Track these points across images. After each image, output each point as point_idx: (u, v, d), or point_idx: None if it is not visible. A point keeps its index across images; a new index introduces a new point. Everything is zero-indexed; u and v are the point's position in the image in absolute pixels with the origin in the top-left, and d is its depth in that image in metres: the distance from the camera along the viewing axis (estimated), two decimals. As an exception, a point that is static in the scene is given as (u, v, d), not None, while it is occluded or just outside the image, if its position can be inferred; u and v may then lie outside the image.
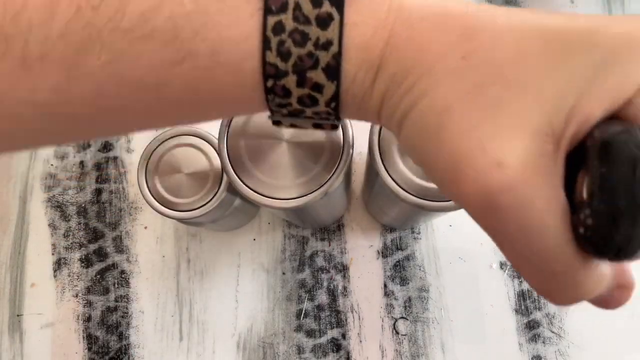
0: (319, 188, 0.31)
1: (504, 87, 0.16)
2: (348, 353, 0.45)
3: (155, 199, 0.37)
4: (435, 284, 0.47)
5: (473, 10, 0.18)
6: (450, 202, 0.31)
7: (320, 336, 0.46)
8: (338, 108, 0.19)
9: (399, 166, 0.32)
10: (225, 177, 0.37)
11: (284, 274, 0.47)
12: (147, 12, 0.17)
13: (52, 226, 0.49)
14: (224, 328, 0.46)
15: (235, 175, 0.31)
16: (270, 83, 0.18)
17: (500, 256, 0.47)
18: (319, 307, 0.46)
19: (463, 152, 0.16)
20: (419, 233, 0.48)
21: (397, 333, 0.46)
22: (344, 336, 0.46)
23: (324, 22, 0.17)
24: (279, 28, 0.17)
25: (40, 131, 0.19)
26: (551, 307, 0.46)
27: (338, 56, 0.18)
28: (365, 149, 0.33)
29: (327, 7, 0.17)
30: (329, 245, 0.48)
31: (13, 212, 0.49)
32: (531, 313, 0.46)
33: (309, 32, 0.17)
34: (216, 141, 0.37)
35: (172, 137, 0.38)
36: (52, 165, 0.50)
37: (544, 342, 0.45)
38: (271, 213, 0.49)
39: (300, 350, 0.46)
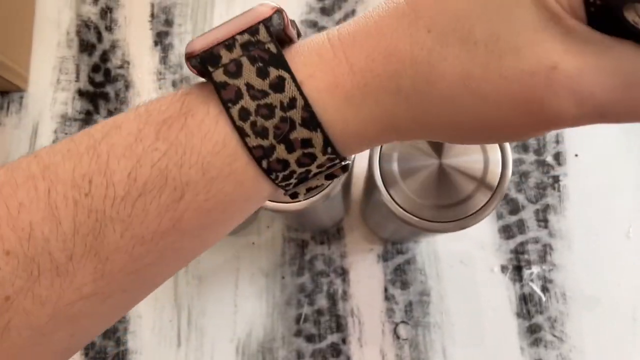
0: (320, 191, 0.30)
1: (480, 22, 0.17)
2: (348, 358, 0.45)
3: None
4: (436, 287, 0.46)
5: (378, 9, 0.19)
6: (451, 222, 0.31)
7: (320, 341, 0.45)
8: (336, 151, 0.19)
9: (400, 185, 0.31)
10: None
11: (283, 278, 0.47)
12: (132, 173, 0.18)
13: (48, 230, 0.48)
14: (223, 333, 0.46)
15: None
16: (265, 164, 0.19)
17: (501, 259, 0.47)
18: (319, 312, 0.46)
19: (515, 85, 0.16)
20: (419, 236, 0.47)
21: (398, 337, 0.45)
22: (344, 341, 0.45)
23: (278, 86, 0.18)
24: (244, 114, 0.18)
25: (92, 315, 0.20)
26: (553, 311, 0.45)
27: (307, 107, 0.18)
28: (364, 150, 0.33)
29: (274, 73, 0.18)
30: (329, 249, 0.47)
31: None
32: (533, 317, 0.45)
33: (271, 101, 0.18)
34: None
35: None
36: (48, 168, 0.49)
37: (545, 346, 0.45)
38: (271, 216, 0.48)
39: (299, 355, 0.45)
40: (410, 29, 0.18)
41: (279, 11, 0.19)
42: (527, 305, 0.46)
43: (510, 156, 0.32)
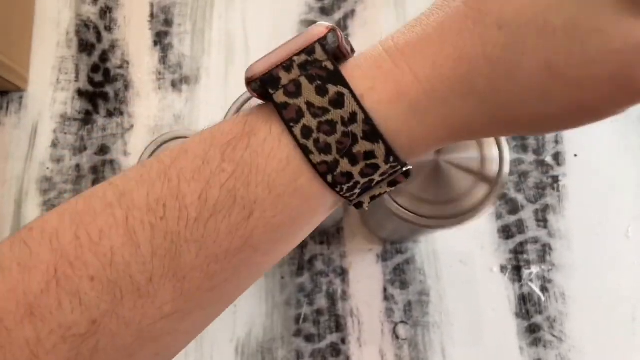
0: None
1: (554, 10, 0.17)
2: (348, 358, 0.45)
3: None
4: (435, 287, 0.46)
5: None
6: (450, 219, 0.31)
7: (319, 341, 0.45)
8: (399, 159, 0.20)
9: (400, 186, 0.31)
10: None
11: (282, 278, 0.47)
12: (202, 195, 0.19)
13: (48, 230, 0.48)
14: (222, 333, 0.46)
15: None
16: (330, 179, 0.19)
17: (500, 259, 0.47)
18: (318, 312, 0.46)
19: (602, 66, 0.17)
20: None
21: (397, 337, 0.45)
22: (343, 341, 0.45)
23: (338, 102, 0.19)
24: (306, 132, 0.19)
25: (174, 333, 0.20)
26: (552, 311, 0.45)
27: (368, 120, 0.18)
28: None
29: (332, 90, 0.19)
30: (328, 248, 0.47)
31: (8, 215, 0.49)
32: (532, 317, 0.45)
33: (332, 117, 0.19)
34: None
35: (169, 141, 0.37)
36: (47, 168, 0.49)
37: (545, 346, 0.45)
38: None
39: (299, 355, 0.45)
40: (478, 28, 0.18)
41: (333, 30, 0.19)
42: (526, 305, 0.46)
43: (507, 151, 0.32)
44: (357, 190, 0.20)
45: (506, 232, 0.47)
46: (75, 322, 0.18)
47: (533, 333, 0.45)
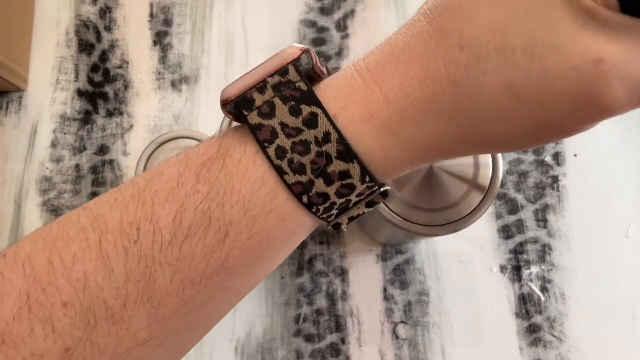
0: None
1: (513, 29, 0.16)
2: (348, 358, 0.45)
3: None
4: (435, 288, 0.46)
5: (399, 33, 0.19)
6: (444, 226, 0.31)
7: (319, 341, 0.45)
8: (375, 179, 0.20)
9: (392, 190, 0.31)
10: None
11: (282, 278, 0.47)
12: (177, 217, 0.18)
13: (48, 230, 0.48)
14: (222, 333, 0.46)
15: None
16: (305, 199, 0.19)
17: (500, 260, 0.47)
18: (318, 312, 0.46)
19: (562, 84, 0.16)
20: (418, 236, 0.47)
21: (397, 338, 0.45)
22: (343, 341, 0.45)
23: (311, 122, 0.18)
24: (280, 152, 0.19)
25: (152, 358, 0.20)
26: (552, 311, 0.45)
27: (342, 139, 0.18)
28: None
29: (306, 110, 0.18)
30: (328, 249, 0.47)
31: (8, 216, 0.49)
32: (532, 317, 0.45)
33: (306, 137, 0.19)
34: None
35: (169, 141, 0.37)
36: (47, 168, 0.49)
37: (545, 346, 0.45)
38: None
39: (299, 355, 0.45)
40: (441, 48, 0.18)
41: (307, 51, 0.19)
42: (526, 306, 0.45)
43: (501, 159, 0.32)
44: (334, 212, 0.20)
45: (506, 233, 0.47)
46: (48, 350, 0.17)
47: (533, 333, 0.45)
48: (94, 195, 0.49)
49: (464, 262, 0.47)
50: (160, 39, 0.52)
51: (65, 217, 0.20)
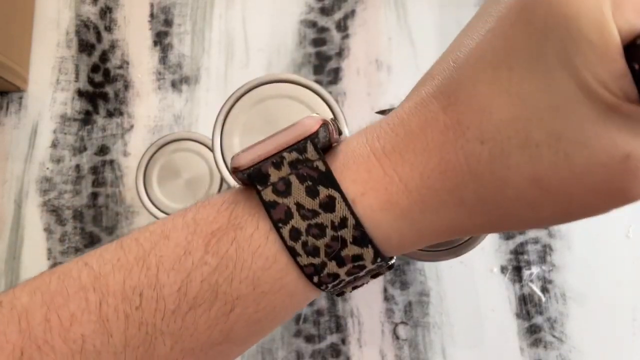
0: None
1: (535, 124, 0.16)
2: (348, 358, 0.45)
3: (153, 204, 0.36)
4: (435, 288, 0.46)
5: (406, 104, 0.19)
6: (444, 250, 0.32)
7: (319, 341, 0.45)
8: (385, 259, 0.19)
9: None
10: (224, 182, 0.37)
11: (283, 278, 0.47)
12: (182, 287, 0.18)
13: (48, 230, 0.48)
14: (223, 333, 0.46)
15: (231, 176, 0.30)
16: (316, 279, 0.19)
17: (500, 260, 0.47)
18: (318, 312, 0.46)
19: (589, 178, 0.16)
20: (419, 237, 0.47)
21: (397, 338, 0.45)
22: (343, 341, 0.45)
23: (328, 205, 0.18)
24: (295, 234, 0.18)
25: None
26: (552, 312, 0.45)
27: (359, 226, 0.18)
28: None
29: (324, 192, 0.18)
30: (329, 249, 0.47)
31: (8, 216, 0.48)
32: (532, 317, 0.45)
33: (322, 221, 0.18)
34: (214, 145, 0.37)
35: (170, 142, 0.37)
36: (47, 168, 0.49)
37: (545, 347, 0.45)
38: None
39: (299, 355, 0.45)
40: (459, 141, 0.17)
41: (325, 124, 0.19)
42: (526, 306, 0.45)
43: None
44: (340, 286, 0.20)
45: (506, 233, 0.47)
46: None
47: (533, 334, 0.45)
48: (94, 195, 0.49)
49: (464, 263, 0.47)
50: (161, 39, 0.52)
51: (65, 269, 0.19)
